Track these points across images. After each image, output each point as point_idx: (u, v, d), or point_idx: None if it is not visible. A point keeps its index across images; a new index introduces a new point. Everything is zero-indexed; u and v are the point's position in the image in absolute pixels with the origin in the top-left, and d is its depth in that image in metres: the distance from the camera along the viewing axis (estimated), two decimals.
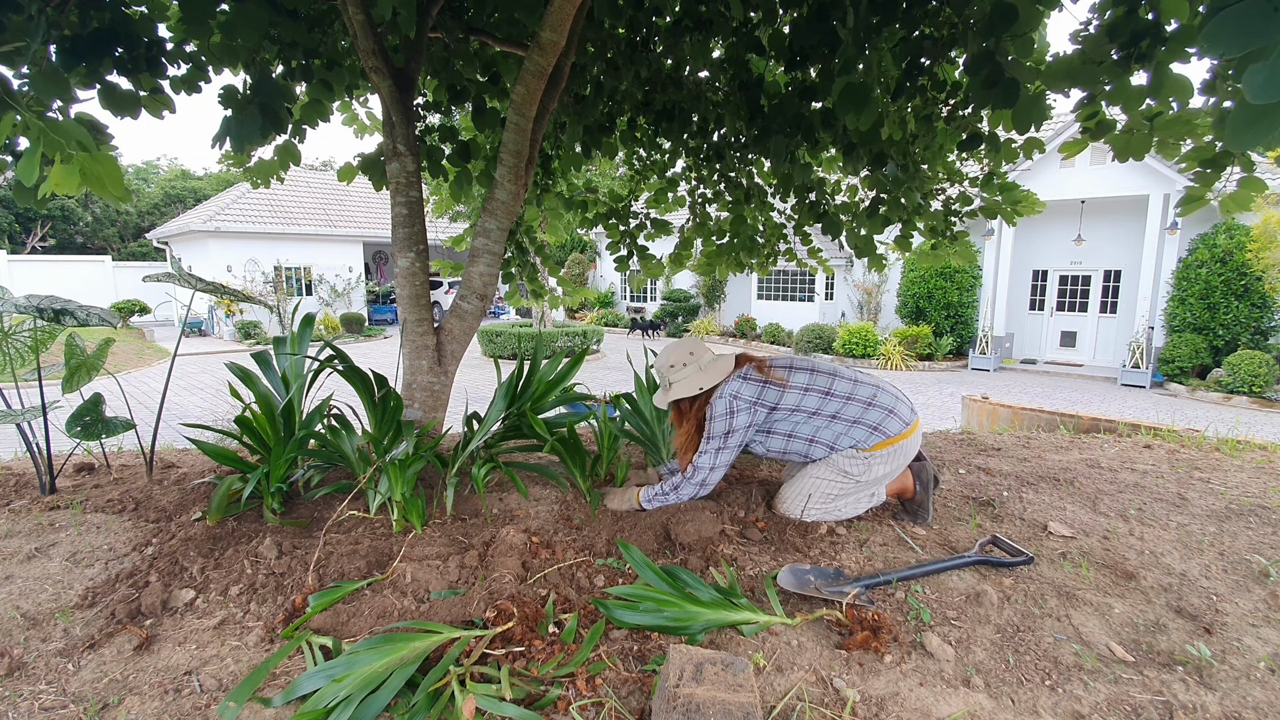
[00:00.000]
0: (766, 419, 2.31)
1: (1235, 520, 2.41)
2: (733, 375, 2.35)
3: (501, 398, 2.71)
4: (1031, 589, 1.91)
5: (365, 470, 2.34)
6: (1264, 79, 0.92)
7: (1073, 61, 2.27)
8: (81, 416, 2.61)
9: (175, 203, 34.57)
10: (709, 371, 2.36)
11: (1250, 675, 1.55)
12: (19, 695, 1.44)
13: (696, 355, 2.39)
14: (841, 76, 2.10)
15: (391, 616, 1.70)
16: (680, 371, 2.38)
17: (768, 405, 2.30)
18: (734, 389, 2.30)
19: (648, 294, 23.20)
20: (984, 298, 14.64)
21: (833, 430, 2.29)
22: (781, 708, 1.40)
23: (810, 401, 2.30)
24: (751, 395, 2.29)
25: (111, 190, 1.76)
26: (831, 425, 2.29)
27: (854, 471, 2.29)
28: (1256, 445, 3.64)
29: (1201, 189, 2.59)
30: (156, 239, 22.86)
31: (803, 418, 2.30)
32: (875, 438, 2.27)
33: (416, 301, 2.87)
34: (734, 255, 4.21)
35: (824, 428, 2.30)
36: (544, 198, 4.11)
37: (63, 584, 1.90)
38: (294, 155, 3.35)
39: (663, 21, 3.20)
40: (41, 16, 1.86)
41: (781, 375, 2.33)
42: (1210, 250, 11.81)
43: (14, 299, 2.61)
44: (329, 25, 2.99)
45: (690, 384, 2.35)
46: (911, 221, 3.70)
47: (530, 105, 2.59)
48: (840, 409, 2.29)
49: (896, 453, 2.30)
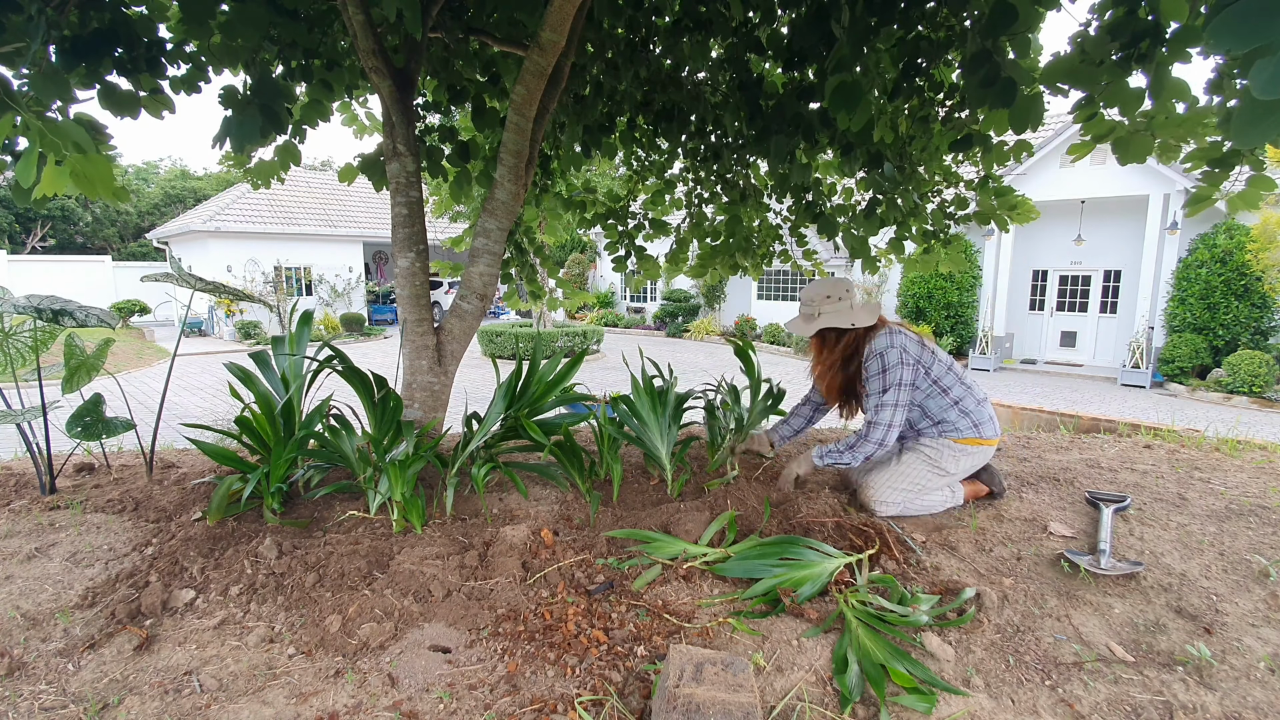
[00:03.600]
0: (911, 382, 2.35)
1: (1235, 520, 2.41)
2: (888, 327, 2.37)
3: (501, 398, 2.71)
4: (1031, 589, 1.91)
5: (365, 470, 2.34)
6: (1270, 74, 0.92)
7: (1072, 61, 2.27)
8: (82, 417, 2.61)
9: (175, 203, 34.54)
10: (861, 312, 2.39)
11: (1250, 675, 1.55)
12: (19, 695, 1.44)
13: (851, 293, 2.44)
14: (835, 75, 2.10)
15: (393, 616, 1.70)
16: (834, 304, 2.41)
17: (925, 366, 2.35)
18: (901, 342, 2.33)
19: (648, 294, 23.19)
20: (984, 298, 14.63)
21: (947, 414, 2.38)
22: (781, 708, 1.40)
23: (948, 379, 2.37)
24: (916, 353, 2.34)
25: (103, 191, 1.75)
26: (951, 409, 2.37)
27: (942, 462, 2.37)
28: (1256, 445, 3.64)
29: (1209, 188, 2.59)
30: (156, 239, 22.85)
31: (936, 393, 2.37)
32: (972, 433, 2.37)
33: (416, 301, 2.87)
34: (729, 257, 4.20)
35: (944, 408, 2.37)
36: (543, 198, 4.11)
37: (63, 584, 1.90)
38: (294, 155, 3.35)
39: (662, 21, 3.20)
40: (41, 17, 1.86)
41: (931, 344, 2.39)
42: (1210, 250, 11.80)
43: (14, 299, 2.61)
44: (329, 25, 2.99)
45: (842, 318, 2.38)
46: (907, 223, 3.71)
47: (530, 105, 2.59)
48: (964, 396, 2.38)
49: (979, 455, 2.41)
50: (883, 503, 2.39)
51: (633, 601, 1.82)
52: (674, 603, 1.83)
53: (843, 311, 2.39)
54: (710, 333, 19.25)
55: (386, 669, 1.53)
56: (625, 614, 1.76)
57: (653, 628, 1.70)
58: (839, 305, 2.40)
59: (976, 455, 2.41)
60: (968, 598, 1.83)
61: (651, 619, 1.74)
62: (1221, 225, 11.84)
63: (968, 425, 2.38)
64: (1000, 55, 2.07)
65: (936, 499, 2.44)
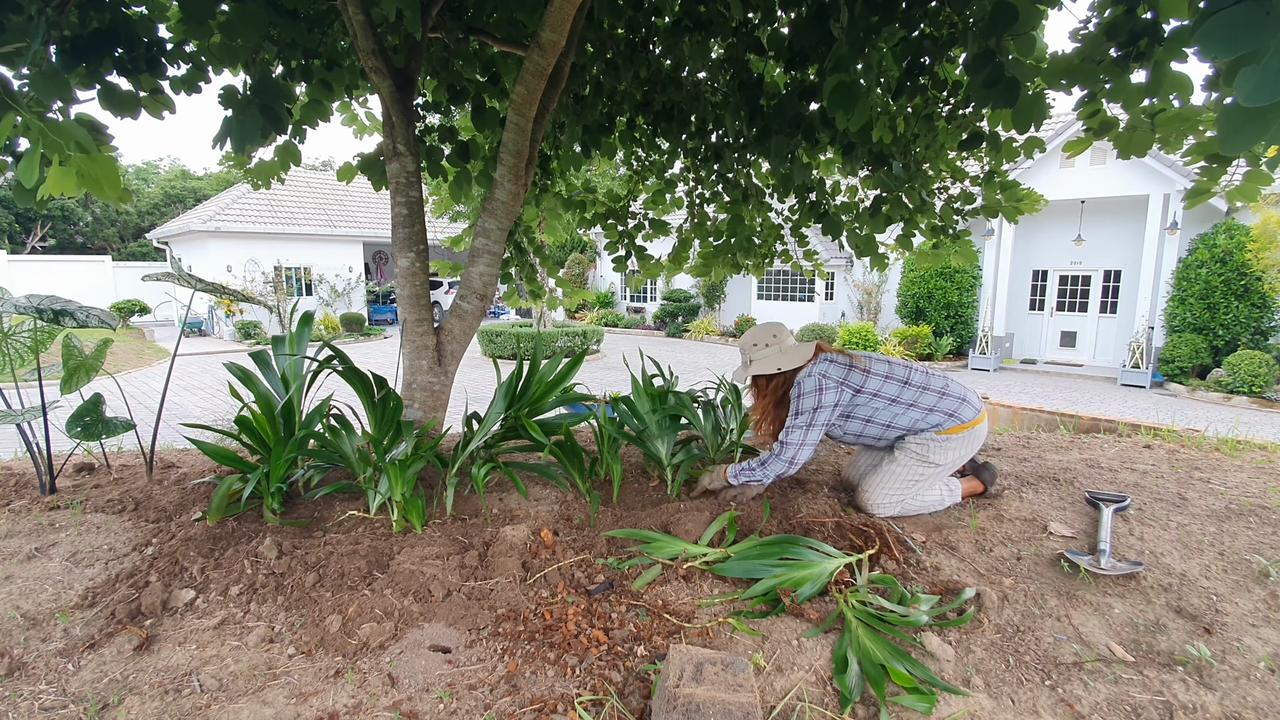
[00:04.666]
0: (850, 402, 2.43)
1: (1235, 520, 2.41)
2: (817, 359, 2.46)
3: (501, 398, 2.71)
4: (1031, 589, 1.91)
5: (365, 470, 2.34)
6: (1256, 82, 0.93)
7: (1072, 60, 2.27)
8: (81, 417, 2.61)
9: (175, 203, 34.54)
10: (789, 355, 2.48)
11: (1250, 675, 1.55)
12: (19, 695, 1.44)
13: (779, 339, 2.53)
14: (834, 75, 2.09)
15: (393, 616, 1.70)
16: (761, 351, 2.51)
17: (853, 387, 2.41)
18: (822, 369, 2.41)
19: (647, 294, 23.18)
20: (984, 298, 14.63)
21: (909, 416, 2.43)
22: (781, 708, 1.40)
23: (890, 389, 2.43)
24: (839, 375, 2.41)
25: (108, 192, 1.76)
26: (908, 412, 2.43)
27: (930, 456, 2.41)
28: (1256, 445, 3.63)
29: (1208, 182, 2.61)
30: (156, 239, 22.85)
31: (882, 404, 2.43)
32: (950, 423, 2.43)
33: (416, 301, 2.87)
34: (730, 256, 4.20)
35: (901, 414, 2.43)
36: (543, 198, 4.11)
37: (63, 584, 1.90)
38: (294, 155, 3.35)
39: (662, 21, 3.20)
40: (41, 17, 1.86)
41: (864, 362, 2.45)
42: (1210, 250, 11.80)
43: (14, 299, 2.61)
44: (329, 25, 2.99)
45: (769, 363, 2.49)
46: (914, 220, 3.70)
47: (530, 105, 2.59)
48: (917, 397, 2.43)
49: (968, 438, 2.45)
50: (880, 504, 2.42)
51: (633, 601, 1.82)
52: (674, 603, 1.83)
53: (771, 357, 2.49)
54: (710, 333, 19.25)
55: (386, 669, 1.53)
56: (625, 614, 1.77)
57: (653, 628, 1.70)
58: (767, 351, 2.50)
59: (965, 440, 2.45)
60: (968, 598, 1.83)
61: (651, 619, 1.74)
62: (1221, 225, 11.83)
63: (939, 418, 2.43)
64: (1003, 55, 2.07)
65: (933, 497, 2.46)
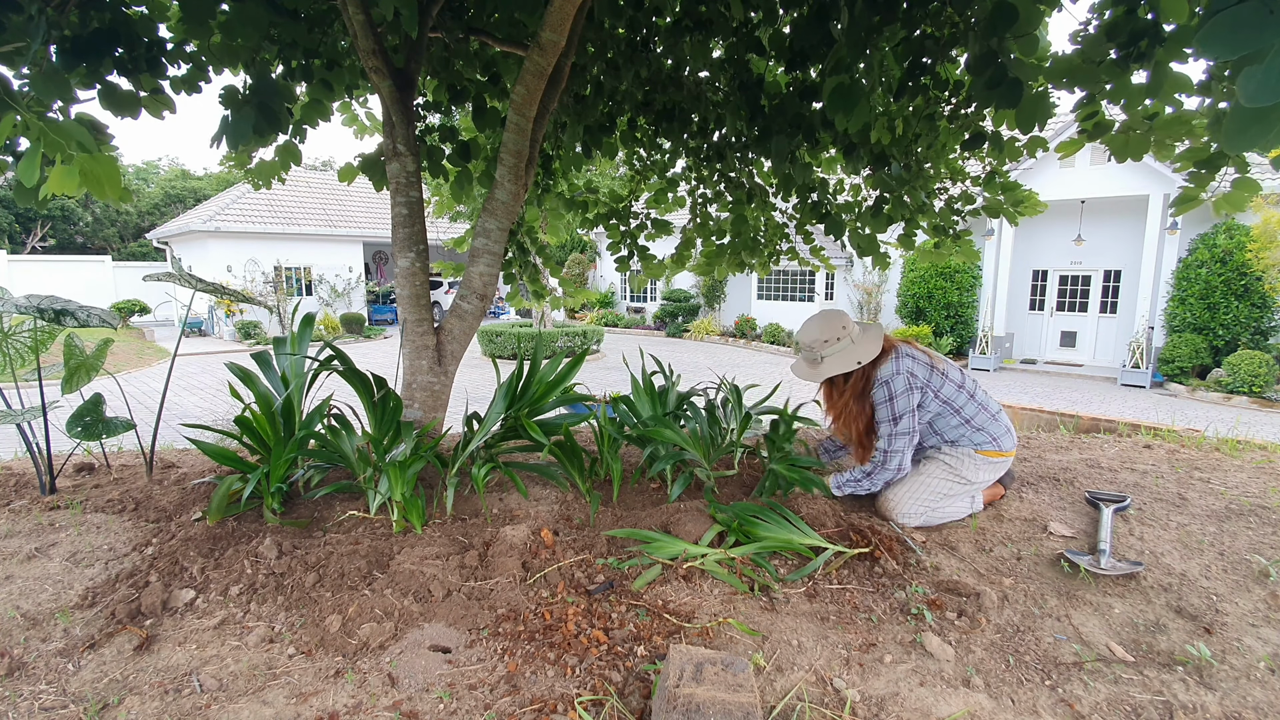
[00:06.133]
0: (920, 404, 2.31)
1: (1235, 520, 2.41)
2: (895, 351, 2.30)
3: (501, 398, 2.71)
4: (1031, 589, 1.91)
5: (365, 470, 2.34)
6: (1259, 82, 0.92)
7: (1072, 61, 2.27)
8: (82, 417, 2.61)
9: (175, 203, 34.53)
10: (862, 346, 2.29)
11: (1250, 675, 1.55)
12: (19, 695, 1.44)
13: (848, 329, 2.31)
14: (833, 76, 2.09)
15: (393, 616, 1.70)
16: (834, 346, 2.31)
17: (932, 390, 2.29)
18: (908, 366, 2.26)
19: (648, 294, 23.19)
20: (984, 298, 14.63)
21: (959, 431, 2.34)
22: (781, 708, 1.40)
23: (959, 398, 2.32)
24: (924, 376, 2.28)
25: (110, 191, 1.76)
26: (961, 426, 2.34)
27: (964, 471, 2.33)
28: (1256, 445, 3.63)
29: (1196, 189, 2.60)
30: (156, 239, 22.85)
31: (947, 412, 2.32)
32: (991, 446, 2.35)
33: (416, 301, 2.87)
34: (735, 255, 4.20)
35: (955, 426, 2.34)
36: (544, 198, 4.11)
37: (63, 584, 1.90)
38: (294, 155, 3.35)
39: (663, 21, 3.20)
40: (42, 17, 1.86)
41: (941, 364, 2.33)
42: (1210, 250, 11.80)
43: (14, 299, 2.61)
44: (329, 25, 2.99)
45: (847, 358, 2.28)
46: (915, 220, 3.70)
47: (530, 105, 2.59)
48: (976, 414, 2.34)
49: (999, 466, 2.39)
50: (907, 514, 2.33)
51: (633, 601, 1.82)
52: (674, 603, 1.83)
53: (846, 351, 2.29)
54: (710, 333, 19.24)
55: (386, 669, 1.53)
56: (625, 614, 1.77)
57: (653, 628, 1.70)
58: (839, 346, 2.30)
59: (998, 466, 2.40)
60: (968, 597, 1.83)
61: (651, 619, 1.74)
62: (1221, 225, 11.83)
63: (984, 439, 2.36)
64: (1005, 55, 2.07)
65: (960, 506, 2.38)
